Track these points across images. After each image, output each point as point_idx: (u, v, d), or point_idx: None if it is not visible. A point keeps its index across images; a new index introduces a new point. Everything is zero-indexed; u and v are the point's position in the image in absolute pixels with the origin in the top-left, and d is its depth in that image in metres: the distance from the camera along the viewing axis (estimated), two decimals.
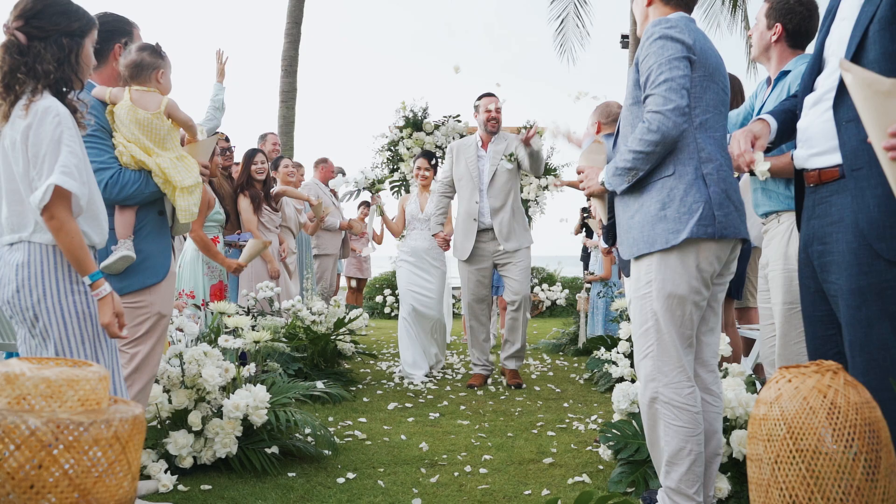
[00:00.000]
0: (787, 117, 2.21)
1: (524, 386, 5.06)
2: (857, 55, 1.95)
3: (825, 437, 1.40)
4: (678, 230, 2.18)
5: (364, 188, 6.70)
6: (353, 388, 4.87)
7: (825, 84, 2.06)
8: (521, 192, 10.66)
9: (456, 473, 3.07)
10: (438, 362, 5.70)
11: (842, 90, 1.98)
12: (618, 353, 4.23)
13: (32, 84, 1.98)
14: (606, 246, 2.80)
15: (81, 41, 2.08)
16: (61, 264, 2.01)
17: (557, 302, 10.92)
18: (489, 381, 5.25)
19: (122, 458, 1.39)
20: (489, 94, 5.19)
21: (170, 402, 2.99)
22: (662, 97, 2.15)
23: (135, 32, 2.93)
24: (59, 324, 1.97)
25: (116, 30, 2.86)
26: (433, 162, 5.78)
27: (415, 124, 11.03)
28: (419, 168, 5.67)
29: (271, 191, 5.47)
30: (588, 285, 7.03)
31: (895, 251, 1.85)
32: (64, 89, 2.05)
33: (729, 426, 2.67)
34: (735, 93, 3.52)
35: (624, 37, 14.22)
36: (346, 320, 5.12)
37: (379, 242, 7.69)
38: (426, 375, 5.40)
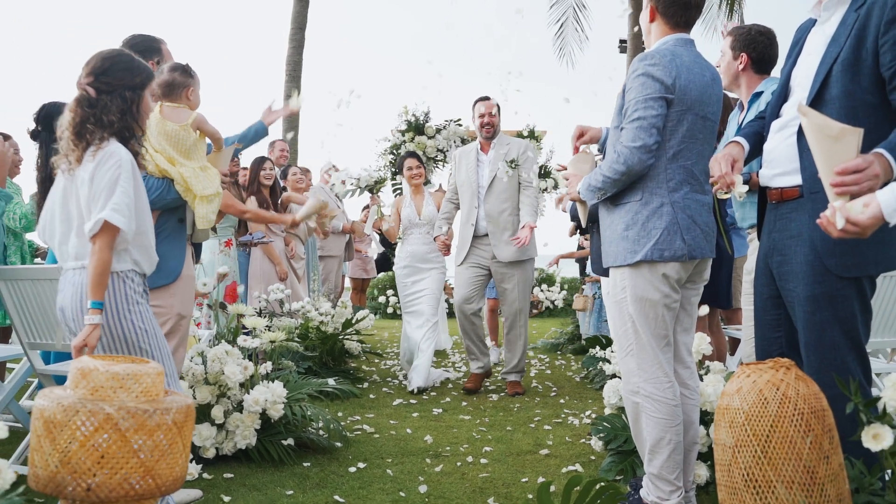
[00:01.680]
0: (756, 139, 2.45)
1: (524, 393, 4.99)
2: (821, 91, 2.17)
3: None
4: (635, 251, 2.45)
5: (365, 186, 6.80)
6: (360, 386, 5.12)
7: (790, 112, 2.30)
8: None
9: (459, 463, 3.31)
10: (423, 369, 5.19)
11: None
12: (611, 351, 4.47)
13: (100, 133, 2.23)
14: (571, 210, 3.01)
15: (142, 93, 2.34)
16: (121, 288, 2.24)
17: (556, 302, 11.16)
18: (488, 382, 5.45)
19: (178, 441, 1.63)
20: (483, 98, 5.11)
21: (194, 397, 3.23)
22: (633, 133, 2.41)
23: (163, 48, 3.19)
24: (120, 338, 2.21)
25: (147, 49, 3.13)
26: (420, 161, 5.58)
27: (417, 128, 11.29)
28: (409, 168, 5.50)
29: (280, 200, 5.72)
30: (584, 286, 7.26)
31: (842, 267, 2.09)
32: (127, 135, 2.29)
33: (710, 419, 2.91)
34: (725, 109, 3.75)
35: (622, 41, 14.47)
36: (354, 321, 5.37)
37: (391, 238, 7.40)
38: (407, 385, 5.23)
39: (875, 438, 1.65)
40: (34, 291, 3.13)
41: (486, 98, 5.11)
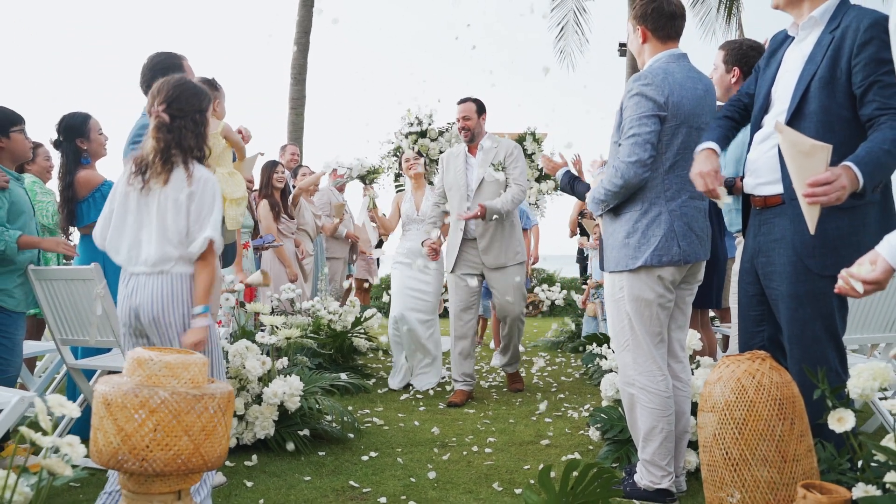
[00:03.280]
0: (725, 142, 2.60)
1: (524, 389, 5.08)
2: (800, 106, 2.36)
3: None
4: (636, 257, 2.66)
5: (357, 175, 6.83)
6: (368, 381, 5.32)
7: (771, 125, 2.49)
8: None
9: (464, 452, 3.52)
10: (434, 370, 5.34)
11: None
12: (608, 347, 4.68)
13: (182, 156, 2.47)
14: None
15: (206, 115, 2.58)
16: (191, 290, 2.49)
17: (556, 302, 11.36)
18: (491, 378, 5.65)
19: (221, 423, 1.84)
20: (462, 101, 4.89)
21: None
22: (629, 149, 2.62)
23: (184, 64, 3.40)
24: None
25: (170, 65, 3.35)
26: (419, 154, 5.51)
27: (420, 131, 11.53)
28: (407, 160, 5.40)
29: (291, 196, 5.94)
30: (593, 290, 7.41)
31: (822, 266, 2.29)
32: (199, 155, 2.53)
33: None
34: None
35: (622, 45, 14.67)
36: (363, 319, 5.58)
37: (385, 235, 7.08)
38: (406, 387, 5.21)
39: (839, 421, 1.86)
40: (67, 291, 3.34)
41: (464, 100, 4.89)
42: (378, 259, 9.81)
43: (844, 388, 1.98)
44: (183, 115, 2.50)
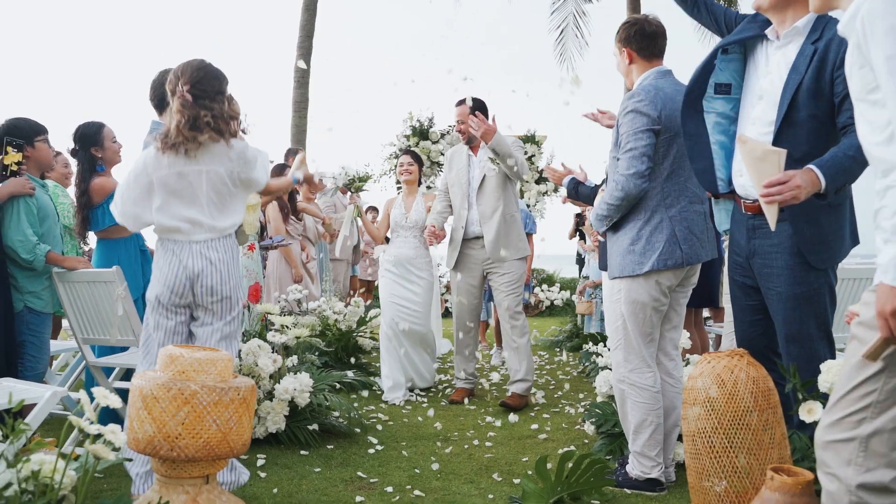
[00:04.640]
0: None
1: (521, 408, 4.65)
2: (788, 114, 2.48)
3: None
4: (642, 262, 2.82)
5: (343, 185, 6.81)
6: (373, 379, 5.49)
7: (761, 121, 2.59)
8: (522, 197, 11.25)
9: (466, 446, 3.70)
10: (430, 378, 5.32)
11: (777, 134, 2.55)
12: (604, 346, 4.86)
13: (215, 125, 2.72)
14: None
15: (227, 94, 2.83)
16: (237, 256, 2.82)
17: (555, 302, 11.53)
18: (493, 377, 5.83)
19: (245, 414, 2.02)
20: (460, 102, 4.84)
21: None
22: (627, 163, 2.80)
23: None
24: (236, 301, 2.82)
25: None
26: (417, 160, 5.38)
27: (421, 133, 11.69)
28: (401, 164, 5.29)
29: (298, 205, 6.12)
30: (590, 290, 7.58)
31: (819, 260, 2.45)
32: (229, 128, 2.78)
33: None
34: None
35: None
36: (368, 319, 5.76)
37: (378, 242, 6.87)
38: (410, 391, 5.07)
39: (809, 412, 2.04)
40: (89, 292, 3.52)
41: (461, 102, 4.84)
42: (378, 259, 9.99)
43: (815, 382, 2.16)
44: (206, 96, 2.72)
